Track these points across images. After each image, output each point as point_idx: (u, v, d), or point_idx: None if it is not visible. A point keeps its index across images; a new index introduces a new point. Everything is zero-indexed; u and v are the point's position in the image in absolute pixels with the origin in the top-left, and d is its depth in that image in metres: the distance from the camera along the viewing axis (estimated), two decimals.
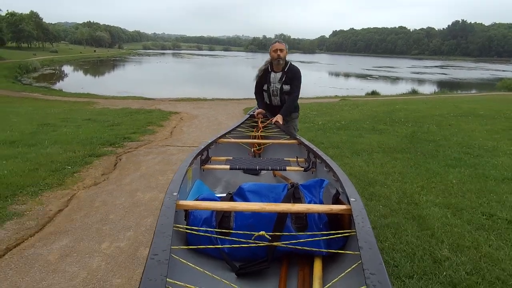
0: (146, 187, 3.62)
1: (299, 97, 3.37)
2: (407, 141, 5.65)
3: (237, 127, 3.15)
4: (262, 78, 3.35)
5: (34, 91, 22.02)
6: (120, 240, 2.56)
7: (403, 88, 25.37)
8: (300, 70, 3.29)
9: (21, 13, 68.25)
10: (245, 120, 3.40)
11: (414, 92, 21.34)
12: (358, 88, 26.00)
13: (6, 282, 2.07)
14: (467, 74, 51.45)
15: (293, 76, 3.21)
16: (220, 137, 2.71)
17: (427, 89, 25.69)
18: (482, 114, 8.48)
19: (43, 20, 77.82)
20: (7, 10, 59.29)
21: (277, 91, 3.27)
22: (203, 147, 2.31)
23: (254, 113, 3.48)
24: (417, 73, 52.58)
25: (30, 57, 49.51)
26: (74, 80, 33.62)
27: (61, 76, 39.00)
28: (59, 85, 27.74)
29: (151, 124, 6.95)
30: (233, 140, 2.87)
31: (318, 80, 32.16)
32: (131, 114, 8.52)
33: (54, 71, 42.13)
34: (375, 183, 3.64)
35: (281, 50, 3.12)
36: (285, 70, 3.22)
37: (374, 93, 20.51)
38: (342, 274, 1.11)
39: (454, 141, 5.62)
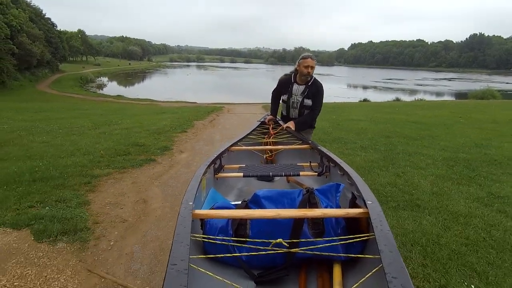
0: (232, 118, 10.54)
1: None
2: (331, 111, 12.04)
3: (248, 134, 3.19)
4: (283, 87, 3.34)
5: (106, 96, 28.36)
6: (233, 125, 9.04)
7: (392, 97, 30.79)
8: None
9: (71, 31, 79.01)
10: (256, 127, 3.45)
11: (397, 99, 26.78)
12: (356, 97, 31.42)
13: (219, 121, 9.72)
14: (468, 86, 54.45)
15: (316, 92, 3.19)
16: (232, 145, 2.77)
17: (412, 97, 30.85)
18: (385, 106, 15.09)
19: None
20: (59, 29, 68.34)
21: (297, 104, 3.24)
22: (215, 155, 2.33)
23: (265, 120, 3.56)
24: (421, 85, 57.31)
25: (80, 70, 57.39)
26: (126, 89, 40.80)
27: (113, 85, 46.54)
28: (118, 92, 34.02)
29: (215, 109, 13.24)
30: (245, 147, 2.92)
31: (326, 90, 37.77)
32: (198, 107, 14.88)
33: (105, 82, 49.74)
34: None
35: (312, 67, 3.09)
36: (309, 84, 3.19)
37: (365, 100, 26.23)
38: (363, 279, 1.10)
39: (345, 113, 12.01)
